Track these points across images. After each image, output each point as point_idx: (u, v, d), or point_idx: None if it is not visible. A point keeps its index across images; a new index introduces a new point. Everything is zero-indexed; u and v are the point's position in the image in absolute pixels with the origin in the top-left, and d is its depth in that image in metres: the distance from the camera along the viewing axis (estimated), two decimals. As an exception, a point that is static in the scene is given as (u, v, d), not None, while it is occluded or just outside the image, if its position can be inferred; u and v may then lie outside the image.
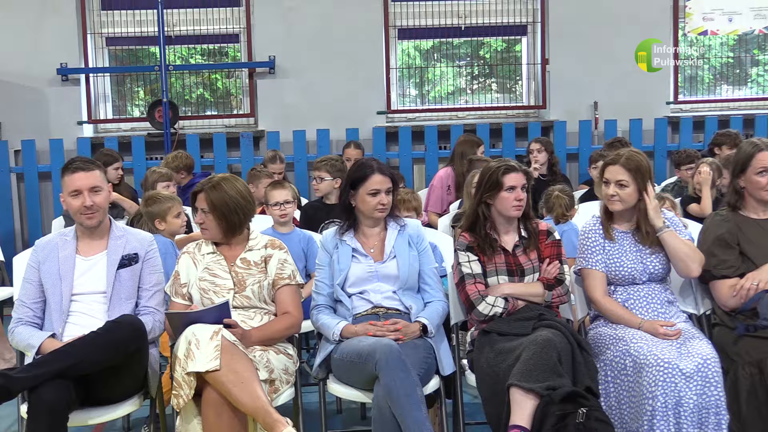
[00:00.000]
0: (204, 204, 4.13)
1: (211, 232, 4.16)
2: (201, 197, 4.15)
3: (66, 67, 8.39)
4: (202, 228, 4.19)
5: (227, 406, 3.61)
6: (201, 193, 4.15)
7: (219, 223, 4.13)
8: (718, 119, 8.77)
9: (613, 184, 4.18)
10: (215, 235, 4.17)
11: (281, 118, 8.52)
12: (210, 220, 4.13)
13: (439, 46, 9.17)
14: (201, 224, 4.17)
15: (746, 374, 3.91)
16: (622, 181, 4.16)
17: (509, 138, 8.55)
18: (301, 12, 8.48)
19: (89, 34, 8.55)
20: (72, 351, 3.65)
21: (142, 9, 8.48)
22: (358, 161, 4.46)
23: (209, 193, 4.12)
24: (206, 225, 4.15)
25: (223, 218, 4.12)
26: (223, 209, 4.11)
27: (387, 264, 4.20)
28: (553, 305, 4.19)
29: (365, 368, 3.78)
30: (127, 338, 3.73)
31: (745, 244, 4.19)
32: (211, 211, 4.12)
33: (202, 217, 4.14)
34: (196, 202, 4.17)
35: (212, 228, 4.15)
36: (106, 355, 3.66)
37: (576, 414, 3.56)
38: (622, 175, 4.15)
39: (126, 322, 3.80)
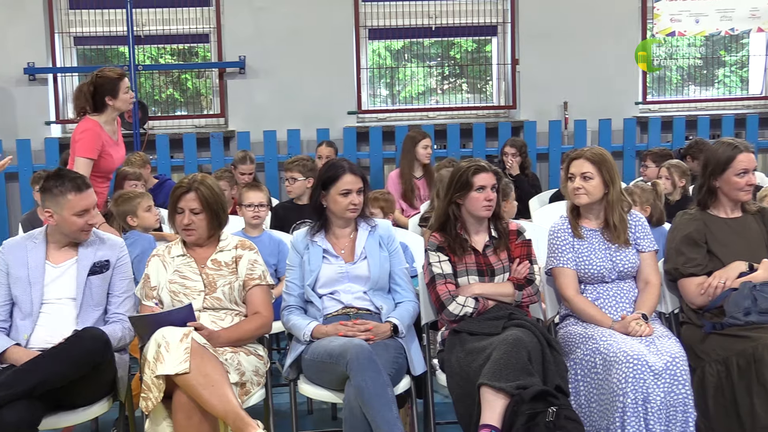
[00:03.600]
0: (195, 203, 4.06)
1: (198, 232, 4.11)
2: (189, 197, 4.07)
3: (33, 66, 8.30)
4: (189, 230, 4.10)
5: (197, 409, 3.59)
6: (189, 193, 4.08)
7: (209, 221, 4.09)
8: (685, 119, 8.85)
9: (578, 177, 4.21)
10: (202, 236, 4.12)
11: (252, 118, 8.49)
12: (200, 219, 4.08)
13: (409, 47, 9.18)
14: (188, 226, 4.09)
15: (713, 372, 3.95)
16: (586, 174, 4.19)
17: (479, 138, 8.57)
18: (272, 12, 8.45)
19: (57, 34, 8.47)
20: (35, 369, 3.60)
21: (110, 8, 8.40)
22: (329, 161, 4.46)
23: (201, 191, 4.07)
24: (195, 225, 4.08)
25: (214, 216, 4.09)
26: (214, 206, 4.09)
27: (358, 265, 4.20)
28: (523, 305, 4.21)
29: (336, 368, 3.78)
30: (90, 352, 3.68)
31: (713, 243, 4.23)
32: (203, 210, 4.07)
33: (191, 218, 4.07)
34: (181, 202, 4.09)
35: (201, 228, 4.10)
36: (70, 371, 3.62)
37: (546, 413, 3.58)
38: (586, 168, 4.19)
39: (89, 335, 3.75)
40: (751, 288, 4.01)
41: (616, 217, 4.23)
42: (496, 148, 8.23)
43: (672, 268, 4.27)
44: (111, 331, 3.94)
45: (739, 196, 4.27)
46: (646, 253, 4.27)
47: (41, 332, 3.93)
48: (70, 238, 4.07)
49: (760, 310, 3.97)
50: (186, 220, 4.08)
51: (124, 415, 4.03)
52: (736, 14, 8.83)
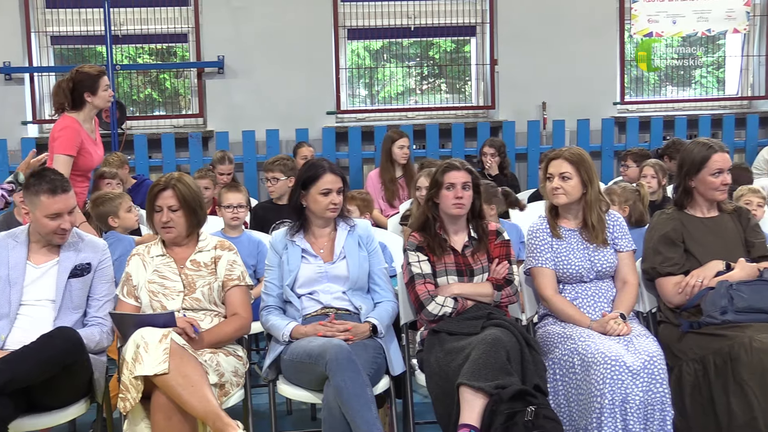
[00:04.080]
0: (173, 201, 4.05)
1: (177, 230, 4.09)
2: (167, 194, 4.06)
3: (9, 66, 8.24)
4: (168, 227, 4.08)
5: (176, 410, 3.58)
6: (166, 191, 4.06)
7: (188, 219, 4.08)
8: (663, 120, 8.91)
9: (556, 177, 4.22)
10: (181, 233, 4.10)
11: (230, 118, 8.46)
12: (178, 216, 4.06)
13: (388, 47, 9.19)
14: (167, 223, 4.07)
15: (690, 371, 3.98)
16: (565, 174, 4.21)
17: (458, 138, 8.59)
18: (250, 12, 8.43)
19: (33, 33, 8.41)
20: (4, 368, 3.55)
21: (87, 7, 8.34)
22: (309, 161, 4.45)
23: (178, 188, 4.06)
24: (174, 223, 4.06)
25: (192, 213, 4.08)
26: (192, 204, 4.08)
27: (337, 264, 4.19)
28: (502, 305, 4.22)
29: (315, 369, 3.77)
30: (61, 353, 3.64)
31: (690, 242, 4.26)
32: (181, 207, 4.06)
33: (169, 215, 4.06)
34: (159, 200, 4.07)
35: (180, 225, 4.08)
36: (39, 370, 3.59)
37: (525, 412, 3.59)
38: (565, 168, 4.21)
39: (60, 336, 3.71)
40: (727, 287, 4.04)
41: (594, 217, 4.25)
42: (475, 148, 8.25)
43: (649, 268, 4.29)
44: (89, 334, 3.92)
45: (715, 196, 4.30)
46: (624, 252, 4.29)
47: (18, 334, 3.88)
48: (44, 239, 4.04)
49: (736, 309, 4.00)
50: (164, 218, 4.07)
51: (102, 417, 4.01)
52: (713, 15, 8.89)
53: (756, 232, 4.35)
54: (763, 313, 4.01)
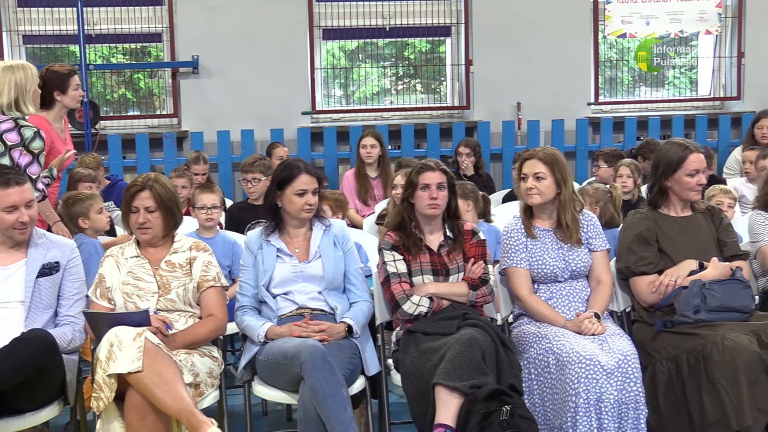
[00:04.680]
0: (150, 201, 4.03)
1: (154, 231, 4.07)
2: (144, 195, 4.03)
3: (-19, 65, 8.17)
4: (144, 228, 4.05)
5: (150, 409, 3.55)
6: (143, 191, 4.04)
7: (165, 219, 4.06)
8: (637, 120, 8.97)
9: (531, 178, 4.24)
10: (157, 234, 4.08)
11: (205, 118, 8.42)
12: (155, 217, 4.04)
13: (363, 47, 9.18)
14: (143, 224, 4.04)
15: (664, 369, 4.01)
16: (539, 174, 4.22)
17: (434, 138, 8.61)
18: (225, 11, 8.40)
19: (5, 32, 8.32)
20: None
21: (60, 6, 8.28)
22: (285, 162, 4.45)
23: (155, 189, 4.03)
24: (150, 224, 4.04)
25: (169, 214, 4.06)
26: (169, 204, 4.06)
27: (312, 264, 4.18)
28: (477, 305, 4.23)
29: (290, 369, 3.76)
30: (34, 355, 3.61)
31: (664, 241, 4.29)
32: (158, 208, 4.03)
33: (146, 216, 4.03)
34: (136, 201, 4.04)
35: (157, 226, 4.06)
36: (13, 374, 3.54)
37: (500, 411, 3.60)
38: (539, 168, 4.22)
39: (33, 338, 3.67)
40: (700, 286, 4.07)
41: (568, 217, 4.27)
42: (450, 148, 8.27)
43: (624, 267, 4.32)
44: (61, 334, 3.89)
45: (690, 196, 4.33)
46: (598, 252, 4.31)
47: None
48: (6, 236, 4.00)
49: (709, 308, 4.03)
50: (141, 219, 4.04)
51: (75, 418, 3.98)
52: (685, 17, 8.97)
53: (728, 231, 4.39)
54: (736, 312, 4.06)
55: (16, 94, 4.78)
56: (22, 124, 4.72)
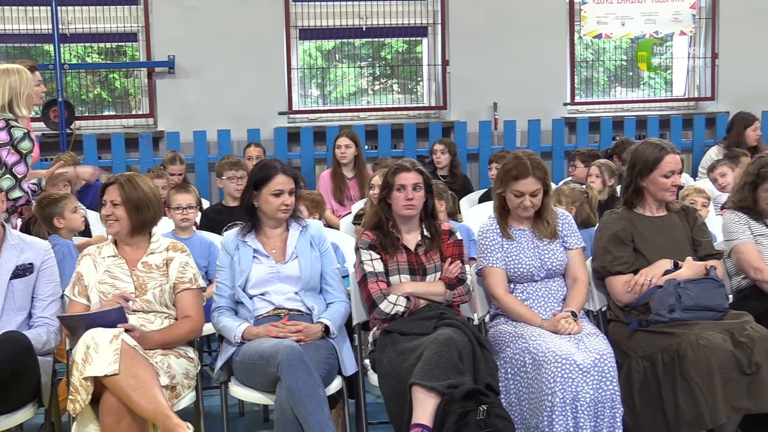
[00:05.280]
0: (116, 196, 4.03)
1: (120, 224, 4.05)
2: (112, 189, 4.04)
3: (-46, 64, 8.09)
4: (109, 221, 4.06)
5: (126, 412, 3.54)
6: (112, 186, 4.05)
7: (129, 216, 4.04)
8: (612, 120, 9.01)
9: (528, 196, 4.23)
10: (122, 228, 4.06)
11: (181, 118, 8.38)
12: (120, 211, 4.03)
13: (340, 47, 9.18)
14: (108, 217, 4.04)
15: (639, 368, 4.04)
16: (535, 191, 4.23)
17: (410, 138, 8.61)
18: (201, 11, 8.36)
19: (-22, 31, 8.28)
20: None
21: (34, 5, 8.20)
22: (261, 162, 4.43)
23: (123, 185, 4.03)
24: (115, 216, 4.03)
25: (135, 211, 4.04)
26: (135, 202, 4.04)
27: (289, 265, 4.18)
28: (454, 304, 4.23)
29: (267, 370, 3.76)
30: (9, 358, 3.60)
31: (639, 241, 4.31)
32: (122, 203, 4.02)
33: (111, 209, 4.03)
34: (105, 194, 4.06)
35: (121, 220, 4.05)
36: None
37: (477, 411, 3.61)
38: (534, 186, 4.21)
39: (9, 340, 3.66)
40: (675, 285, 4.10)
41: (549, 215, 4.30)
42: (427, 148, 8.27)
43: (600, 267, 4.34)
44: (35, 336, 3.87)
45: (665, 197, 4.36)
46: (574, 250, 4.33)
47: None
48: None
49: (684, 307, 4.06)
50: (107, 211, 4.05)
51: (50, 420, 3.95)
52: (660, 18, 9.03)
53: (703, 231, 4.42)
54: (710, 311, 4.09)
55: (10, 96, 4.81)
56: (13, 125, 4.73)
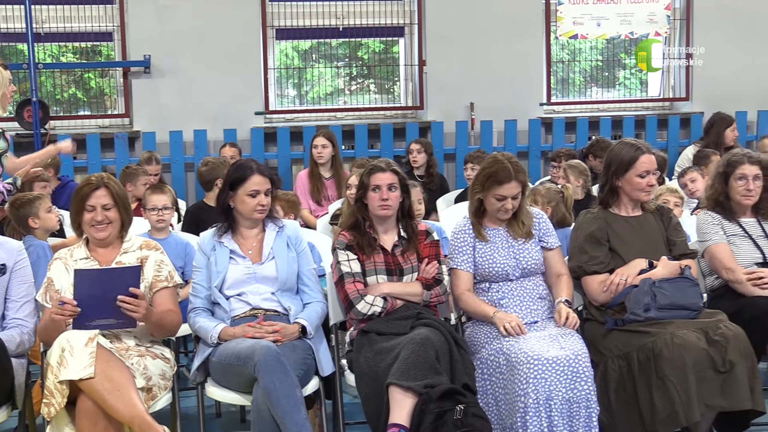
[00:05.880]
0: (107, 199, 3.99)
1: (113, 226, 4.02)
2: (100, 193, 3.99)
3: (-74, 64, 8.01)
4: (101, 227, 4.00)
5: (102, 415, 3.52)
6: (99, 189, 3.99)
7: (121, 217, 4.03)
8: (588, 120, 9.06)
9: (510, 199, 4.24)
10: (114, 232, 4.04)
11: (157, 118, 8.34)
12: (113, 213, 4.01)
13: (317, 47, 9.17)
14: (101, 222, 3.99)
15: (615, 367, 4.06)
16: (517, 194, 4.25)
17: (387, 138, 8.62)
18: (177, 10, 8.32)
19: (-48, 30, 8.20)
20: None
21: (8, 4, 8.13)
22: (237, 162, 4.42)
23: (112, 186, 4.01)
24: (108, 220, 4.00)
25: (125, 212, 4.04)
26: (125, 202, 4.04)
27: (265, 265, 4.17)
28: (431, 304, 4.24)
29: (244, 370, 3.75)
30: None
31: (615, 241, 4.34)
32: (115, 205, 4.00)
33: (104, 213, 3.99)
34: (92, 200, 3.99)
35: (114, 223, 4.02)
36: None
37: (454, 411, 3.62)
38: (516, 189, 4.24)
39: None
40: (650, 285, 4.12)
41: (524, 215, 4.32)
42: (404, 148, 8.28)
43: (576, 266, 4.36)
44: (9, 337, 3.84)
45: (640, 197, 4.38)
46: (553, 250, 4.36)
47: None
48: None
49: (659, 306, 4.09)
50: (99, 217, 3.99)
51: (24, 423, 3.92)
52: (635, 18, 9.08)
53: (677, 230, 4.45)
54: (685, 310, 4.11)
55: None
56: None
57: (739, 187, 4.56)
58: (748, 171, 4.55)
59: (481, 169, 4.35)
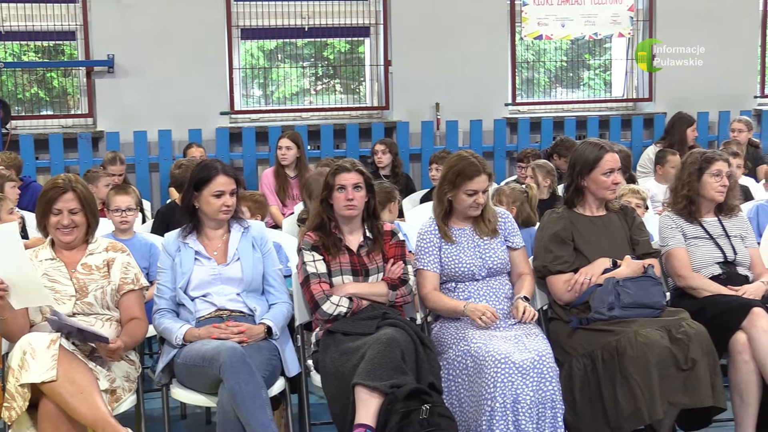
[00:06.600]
0: (74, 203, 3.95)
1: (80, 230, 4.00)
2: (68, 197, 3.95)
3: None
4: (67, 230, 3.97)
5: (65, 418, 3.50)
6: (67, 193, 3.95)
7: (88, 221, 4.00)
8: (553, 120, 9.12)
9: (481, 193, 4.26)
10: (80, 235, 4.01)
11: (121, 118, 8.28)
12: (80, 218, 3.98)
13: (282, 47, 9.15)
14: (67, 226, 3.95)
15: (580, 366, 4.08)
16: (486, 188, 4.29)
17: (353, 138, 8.62)
18: (141, 10, 8.26)
19: None
20: None
21: (-31, 3, 8.07)
22: (202, 162, 4.40)
23: (79, 190, 3.97)
24: (74, 223, 3.96)
25: (92, 215, 4.01)
26: (92, 205, 4.01)
27: (230, 266, 4.16)
28: (396, 304, 4.25)
29: (209, 372, 3.74)
30: None
31: (579, 241, 4.37)
32: (82, 209, 3.97)
33: (70, 217, 3.95)
34: (59, 203, 3.94)
35: (81, 226, 3.99)
36: None
37: (420, 410, 3.63)
38: (486, 183, 4.27)
39: None
40: (614, 284, 4.16)
41: (489, 212, 4.35)
42: (370, 148, 8.29)
43: (540, 266, 4.38)
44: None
45: (606, 195, 4.42)
46: (518, 250, 4.38)
47: None
48: None
49: (622, 304, 4.12)
50: (65, 221, 3.96)
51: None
52: (599, 19, 9.16)
53: (641, 230, 4.49)
54: (648, 308, 4.15)
55: None
56: None
57: (714, 183, 4.60)
58: (722, 167, 4.60)
59: (448, 168, 4.34)
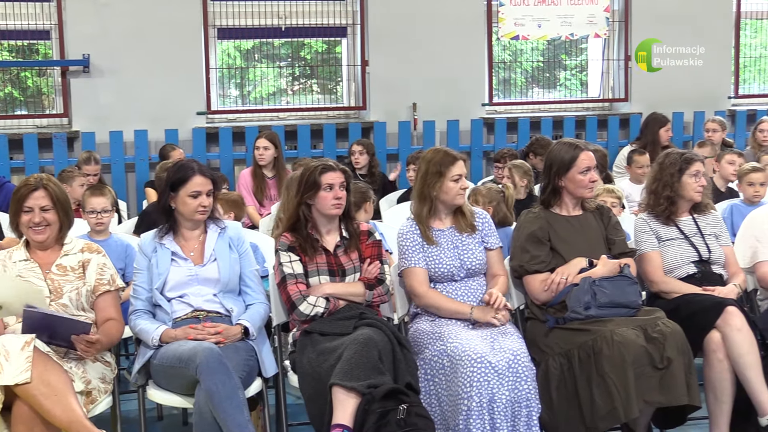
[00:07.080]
0: (45, 200, 3.93)
1: (51, 229, 3.97)
2: (38, 194, 3.94)
3: None
4: (40, 229, 3.95)
5: (39, 421, 3.47)
6: (37, 191, 3.94)
7: (60, 219, 3.98)
8: (530, 121, 9.15)
9: (463, 178, 4.32)
10: (53, 234, 3.98)
11: (97, 118, 8.22)
12: (52, 215, 3.95)
13: (259, 47, 9.13)
14: (39, 224, 3.93)
15: (556, 365, 4.10)
16: (465, 174, 4.34)
17: (330, 139, 8.62)
18: (116, 9, 8.21)
19: None
20: None
21: (-59, 1, 7.99)
22: (178, 162, 4.39)
23: (50, 188, 3.95)
24: (46, 222, 3.94)
25: (65, 214, 3.99)
26: (65, 204, 3.99)
27: (207, 267, 4.14)
28: (373, 304, 4.25)
29: (186, 373, 3.73)
30: None
31: (556, 240, 4.39)
32: (54, 207, 3.95)
33: (41, 215, 3.93)
34: (29, 201, 3.93)
35: (53, 225, 3.97)
36: None
37: (397, 410, 3.63)
38: (464, 168, 4.34)
39: None
40: (590, 283, 4.18)
41: (467, 210, 4.38)
42: (347, 149, 8.28)
43: (517, 266, 4.40)
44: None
45: (584, 194, 4.44)
46: (494, 250, 4.40)
47: None
48: None
49: (599, 304, 4.15)
50: (37, 219, 3.94)
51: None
52: (575, 20, 9.20)
53: (617, 230, 4.52)
54: (624, 308, 4.18)
55: None
56: None
57: (694, 183, 4.64)
58: (700, 168, 4.66)
59: (426, 164, 4.34)
